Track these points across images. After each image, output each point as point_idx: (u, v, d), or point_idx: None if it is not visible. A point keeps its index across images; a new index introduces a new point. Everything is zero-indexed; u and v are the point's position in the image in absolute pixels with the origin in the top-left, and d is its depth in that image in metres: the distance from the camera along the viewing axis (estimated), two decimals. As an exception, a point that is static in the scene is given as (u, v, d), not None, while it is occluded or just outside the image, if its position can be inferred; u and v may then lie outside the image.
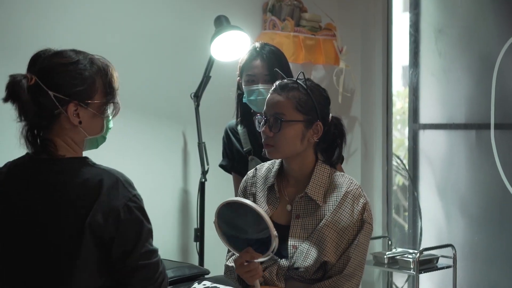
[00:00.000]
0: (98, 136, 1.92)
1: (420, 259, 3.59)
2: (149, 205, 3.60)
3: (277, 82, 2.24)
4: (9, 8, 3.07)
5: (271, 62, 2.87)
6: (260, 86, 2.85)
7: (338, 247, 2.15)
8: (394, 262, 3.83)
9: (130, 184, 1.82)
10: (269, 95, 2.24)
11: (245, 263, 2.08)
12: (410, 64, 4.30)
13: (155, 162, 3.59)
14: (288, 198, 2.25)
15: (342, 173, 2.26)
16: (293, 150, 2.18)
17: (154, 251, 1.83)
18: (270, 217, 2.22)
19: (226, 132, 3.06)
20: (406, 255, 3.82)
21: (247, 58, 2.92)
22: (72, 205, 1.75)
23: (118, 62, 3.44)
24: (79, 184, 1.76)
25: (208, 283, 2.72)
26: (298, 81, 2.20)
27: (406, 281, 4.28)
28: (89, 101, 1.84)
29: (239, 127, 3.00)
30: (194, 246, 3.63)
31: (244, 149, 2.96)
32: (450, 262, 3.73)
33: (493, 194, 3.87)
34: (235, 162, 3.02)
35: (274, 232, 2.00)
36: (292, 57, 3.92)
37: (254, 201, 2.30)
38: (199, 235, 3.50)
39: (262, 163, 2.38)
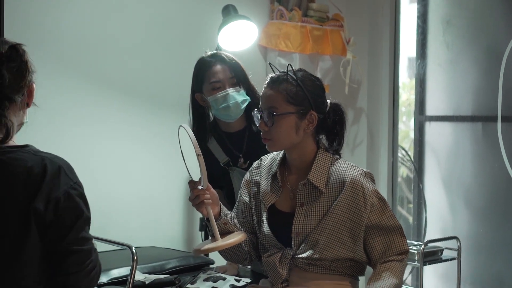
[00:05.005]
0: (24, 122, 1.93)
1: (424, 251, 3.59)
2: (155, 194, 3.64)
3: (269, 76, 2.25)
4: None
5: (232, 64, 2.76)
6: (230, 90, 2.73)
7: (356, 238, 2.18)
8: (399, 254, 3.83)
9: (72, 171, 1.84)
10: (263, 89, 2.25)
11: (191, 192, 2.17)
12: (417, 55, 4.29)
13: (161, 151, 3.59)
14: (290, 187, 2.27)
15: (344, 160, 2.27)
16: (290, 141, 2.20)
17: (89, 239, 1.85)
18: (274, 205, 2.25)
19: None
20: (410, 247, 3.81)
21: (205, 67, 2.77)
22: (18, 195, 1.75)
23: (125, 50, 3.46)
24: (23, 173, 1.76)
25: (213, 273, 2.73)
26: (288, 73, 2.20)
27: (410, 273, 4.28)
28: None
29: (208, 143, 2.86)
30: (199, 236, 3.63)
31: (222, 163, 2.83)
32: (454, 254, 3.72)
33: (498, 187, 3.87)
34: (213, 178, 2.92)
35: (198, 151, 2.06)
36: (299, 47, 3.91)
37: (258, 190, 2.31)
38: (205, 224, 3.51)
39: (268, 154, 2.39)
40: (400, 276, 2.18)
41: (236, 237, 2.20)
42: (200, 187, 2.16)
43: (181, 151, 2.16)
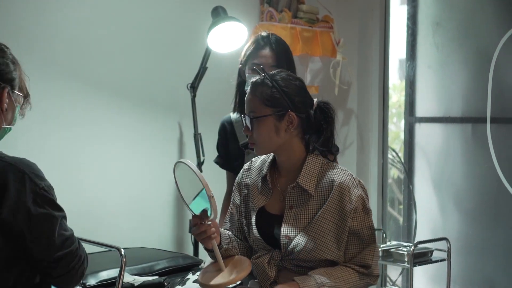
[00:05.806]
0: (7, 127, 1.90)
1: (414, 252, 3.59)
2: (144, 196, 3.64)
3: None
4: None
5: (280, 53, 2.83)
6: None
7: (340, 243, 2.17)
8: (389, 255, 3.83)
9: (38, 175, 1.81)
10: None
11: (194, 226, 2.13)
12: (407, 57, 4.29)
13: (151, 152, 3.58)
14: (280, 189, 2.27)
15: (335, 164, 2.27)
16: (273, 143, 2.21)
17: (69, 237, 1.84)
18: (263, 207, 2.24)
19: (222, 127, 2.99)
20: (400, 248, 3.82)
21: (255, 46, 2.85)
22: None
23: (115, 52, 3.45)
24: None
25: (202, 274, 2.72)
26: (265, 75, 2.21)
27: (400, 274, 4.29)
28: (15, 91, 1.88)
29: (234, 117, 2.94)
30: (189, 237, 3.63)
31: (241, 143, 2.90)
32: (444, 255, 3.73)
33: (488, 188, 3.88)
34: (229, 159, 2.96)
35: (210, 193, 2.05)
36: (289, 49, 3.91)
37: (248, 192, 2.31)
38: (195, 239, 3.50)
39: (259, 156, 2.39)
40: (341, 283, 2.14)
41: (244, 271, 2.16)
42: (208, 223, 2.12)
43: (178, 189, 2.14)
